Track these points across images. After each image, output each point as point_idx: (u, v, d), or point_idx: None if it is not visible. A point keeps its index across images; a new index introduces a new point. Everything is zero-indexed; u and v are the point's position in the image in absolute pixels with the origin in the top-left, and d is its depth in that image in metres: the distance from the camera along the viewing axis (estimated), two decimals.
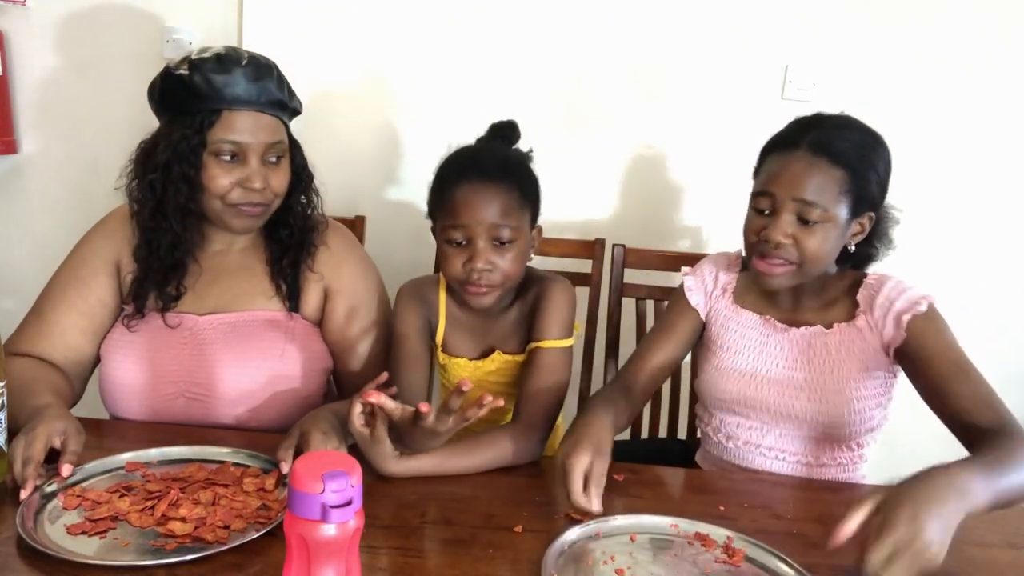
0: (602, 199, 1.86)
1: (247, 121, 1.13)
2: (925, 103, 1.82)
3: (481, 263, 1.11)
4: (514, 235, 1.12)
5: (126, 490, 0.93)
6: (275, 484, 0.95)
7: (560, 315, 1.18)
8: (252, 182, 1.13)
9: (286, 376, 1.20)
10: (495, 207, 1.10)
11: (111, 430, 1.15)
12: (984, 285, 1.90)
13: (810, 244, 1.10)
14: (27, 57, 1.83)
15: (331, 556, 0.65)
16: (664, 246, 1.68)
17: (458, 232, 1.12)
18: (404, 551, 0.86)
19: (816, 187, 1.09)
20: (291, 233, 1.24)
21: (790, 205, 1.10)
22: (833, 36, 1.80)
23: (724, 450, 1.26)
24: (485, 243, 1.11)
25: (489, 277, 1.12)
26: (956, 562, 0.93)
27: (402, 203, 1.84)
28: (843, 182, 1.10)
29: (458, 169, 1.15)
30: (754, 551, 0.90)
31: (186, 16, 1.79)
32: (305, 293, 1.25)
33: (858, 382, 1.16)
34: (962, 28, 1.79)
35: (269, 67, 1.17)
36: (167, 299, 1.18)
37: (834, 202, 1.10)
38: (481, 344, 1.24)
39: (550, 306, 1.18)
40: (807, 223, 1.10)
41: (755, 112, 1.82)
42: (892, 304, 1.13)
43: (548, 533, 0.89)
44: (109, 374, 1.18)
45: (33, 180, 1.89)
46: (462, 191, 1.12)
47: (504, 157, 1.17)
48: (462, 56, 1.78)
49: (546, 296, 1.19)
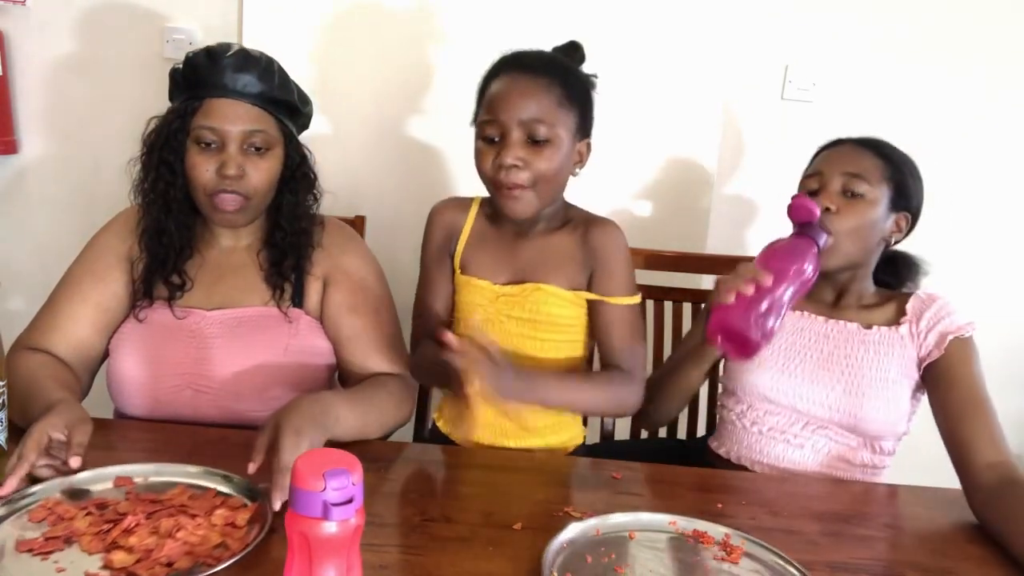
0: (602, 199, 1.86)
1: (226, 108, 1.15)
2: (925, 103, 1.82)
3: (511, 158, 1.05)
4: (551, 134, 1.07)
5: (98, 507, 0.88)
6: (247, 519, 0.88)
7: (630, 274, 1.17)
8: (227, 167, 1.14)
9: (290, 371, 1.20)
10: (532, 102, 1.05)
11: (115, 430, 1.15)
12: (984, 285, 1.90)
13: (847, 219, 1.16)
14: (27, 57, 1.83)
15: (332, 554, 0.65)
16: (664, 246, 1.68)
17: (492, 127, 1.07)
18: (404, 549, 0.86)
19: (864, 168, 1.18)
20: (285, 235, 1.24)
21: (838, 181, 1.18)
22: (833, 36, 1.80)
23: (747, 434, 1.26)
24: (517, 138, 1.06)
25: (519, 175, 1.06)
26: (954, 561, 0.94)
27: (402, 203, 1.84)
28: (885, 169, 1.19)
29: (501, 64, 1.11)
30: (752, 548, 0.90)
31: (186, 16, 1.79)
32: (307, 288, 1.26)
33: (896, 383, 1.18)
34: (963, 28, 1.79)
35: (258, 59, 1.18)
36: (173, 288, 1.20)
37: (878, 184, 1.18)
38: (508, 270, 1.17)
39: (623, 261, 1.15)
40: (852, 195, 1.17)
41: (755, 112, 1.82)
42: (940, 320, 1.18)
43: (548, 531, 0.89)
44: (117, 367, 1.20)
45: (33, 180, 1.89)
46: (500, 84, 1.08)
47: (551, 56, 1.13)
48: (462, 56, 1.78)
49: (613, 247, 1.14)
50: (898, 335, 1.19)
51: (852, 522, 1.01)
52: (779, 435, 1.23)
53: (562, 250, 1.16)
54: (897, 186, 1.19)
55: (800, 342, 1.24)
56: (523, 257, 1.16)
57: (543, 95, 1.06)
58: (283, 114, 1.22)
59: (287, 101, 1.21)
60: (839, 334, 1.22)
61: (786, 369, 1.22)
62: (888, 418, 1.18)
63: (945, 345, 1.15)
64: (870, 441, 1.20)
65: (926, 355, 1.17)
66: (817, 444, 1.21)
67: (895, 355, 1.19)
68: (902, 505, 1.09)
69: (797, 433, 1.22)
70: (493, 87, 1.09)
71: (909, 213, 1.22)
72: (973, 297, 1.86)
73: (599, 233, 1.15)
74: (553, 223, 1.18)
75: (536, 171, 1.07)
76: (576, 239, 1.16)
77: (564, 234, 1.17)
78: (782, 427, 1.23)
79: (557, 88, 1.07)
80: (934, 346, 1.16)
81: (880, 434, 1.19)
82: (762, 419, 1.25)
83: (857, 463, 1.21)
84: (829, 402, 1.19)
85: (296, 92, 1.24)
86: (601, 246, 1.14)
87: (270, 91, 1.18)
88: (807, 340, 1.23)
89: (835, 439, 1.21)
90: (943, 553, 0.95)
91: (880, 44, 1.80)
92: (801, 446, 1.22)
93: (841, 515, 1.02)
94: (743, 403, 1.27)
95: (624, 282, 1.15)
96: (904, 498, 1.10)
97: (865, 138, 1.23)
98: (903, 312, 1.21)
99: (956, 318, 1.18)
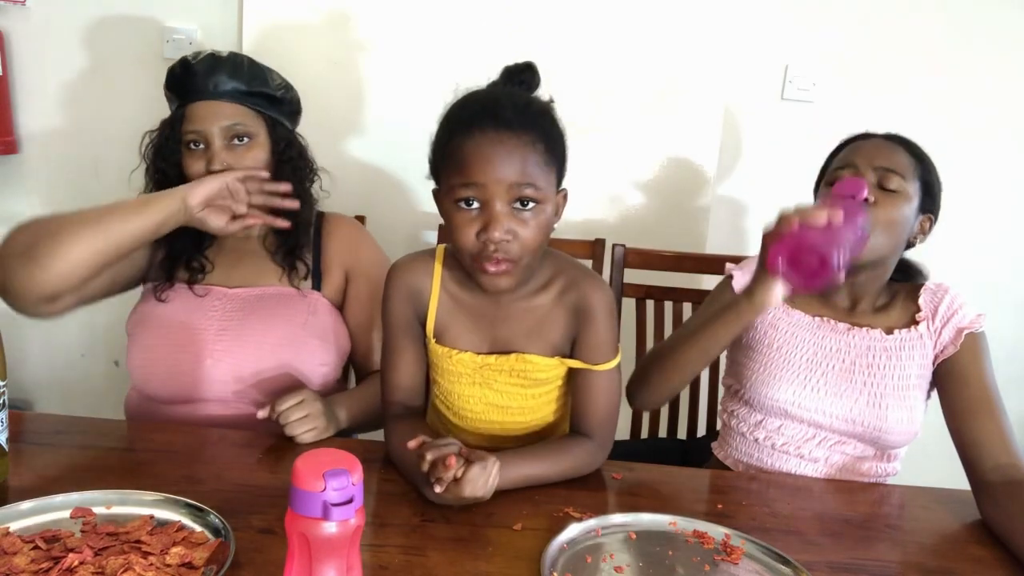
0: (602, 199, 1.86)
1: (203, 109, 1.23)
2: (926, 103, 1.82)
3: (499, 232, 0.92)
4: (539, 197, 0.94)
5: (47, 541, 0.81)
6: (204, 559, 0.80)
7: (615, 332, 1.08)
8: (213, 163, 1.22)
9: (308, 344, 1.26)
10: (516, 163, 0.92)
11: (115, 430, 1.15)
12: (985, 284, 1.90)
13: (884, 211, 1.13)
14: (27, 57, 1.83)
15: (332, 554, 0.65)
16: (664, 246, 1.68)
17: (471, 191, 0.93)
18: (404, 549, 0.86)
19: (898, 164, 1.15)
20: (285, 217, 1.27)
21: (872, 175, 1.15)
22: (833, 36, 1.80)
23: (758, 448, 1.22)
24: (504, 206, 0.93)
25: (508, 249, 0.94)
26: (956, 562, 0.94)
27: (402, 203, 1.84)
28: (917, 167, 1.17)
29: (471, 116, 0.95)
30: (752, 549, 0.90)
31: (186, 16, 1.79)
32: (327, 274, 1.34)
33: (915, 387, 1.16)
34: (963, 28, 1.79)
35: (226, 59, 1.26)
36: (194, 272, 1.28)
37: (911, 181, 1.16)
38: (489, 339, 1.07)
39: (608, 324, 1.05)
40: (886, 190, 1.14)
41: (755, 112, 1.82)
42: (954, 314, 1.16)
43: (548, 531, 0.89)
44: (138, 342, 1.25)
45: (33, 180, 1.89)
46: (476, 143, 0.92)
47: (526, 103, 0.97)
48: (463, 57, 1.78)
49: (598, 309, 1.04)
50: (917, 334, 1.17)
51: (853, 522, 1.00)
52: (792, 450, 1.19)
53: (545, 316, 1.05)
54: (926, 186, 1.18)
55: (821, 353, 1.18)
56: (504, 325, 1.06)
57: (529, 154, 0.93)
58: (261, 104, 1.28)
59: (262, 92, 1.28)
60: (861, 341, 1.18)
61: (808, 382, 1.17)
62: (910, 428, 1.15)
63: (960, 341, 1.13)
64: (886, 452, 1.18)
65: (941, 351, 1.15)
66: (832, 459, 1.19)
67: (915, 357, 1.16)
68: (903, 505, 1.09)
69: (812, 449, 1.18)
70: (469, 145, 0.93)
71: (933, 216, 1.21)
72: (975, 296, 1.86)
73: (585, 296, 1.04)
74: (534, 285, 1.06)
75: (524, 242, 0.95)
76: (562, 304, 1.05)
77: (547, 296, 1.06)
78: (797, 443, 1.19)
79: (540, 143, 0.94)
80: (949, 342, 1.14)
81: (900, 443, 1.17)
82: (776, 433, 1.20)
83: (869, 474, 1.19)
84: (852, 416, 1.15)
85: (272, 81, 1.31)
86: (587, 310, 1.04)
87: (242, 86, 1.26)
88: (828, 350, 1.18)
89: (851, 453, 1.18)
90: (944, 554, 0.95)
91: (880, 44, 1.80)
92: (815, 460, 1.19)
93: (841, 515, 1.02)
94: (756, 414, 1.22)
95: (609, 347, 1.06)
96: (905, 498, 1.10)
97: (893, 134, 1.21)
98: (917, 307, 1.19)
99: (968, 311, 1.16)
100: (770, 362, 1.20)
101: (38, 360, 2.00)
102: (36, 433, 1.09)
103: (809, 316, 1.21)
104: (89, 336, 1.98)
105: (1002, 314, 1.90)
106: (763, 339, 1.22)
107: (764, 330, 1.23)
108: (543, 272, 1.06)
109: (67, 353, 2.00)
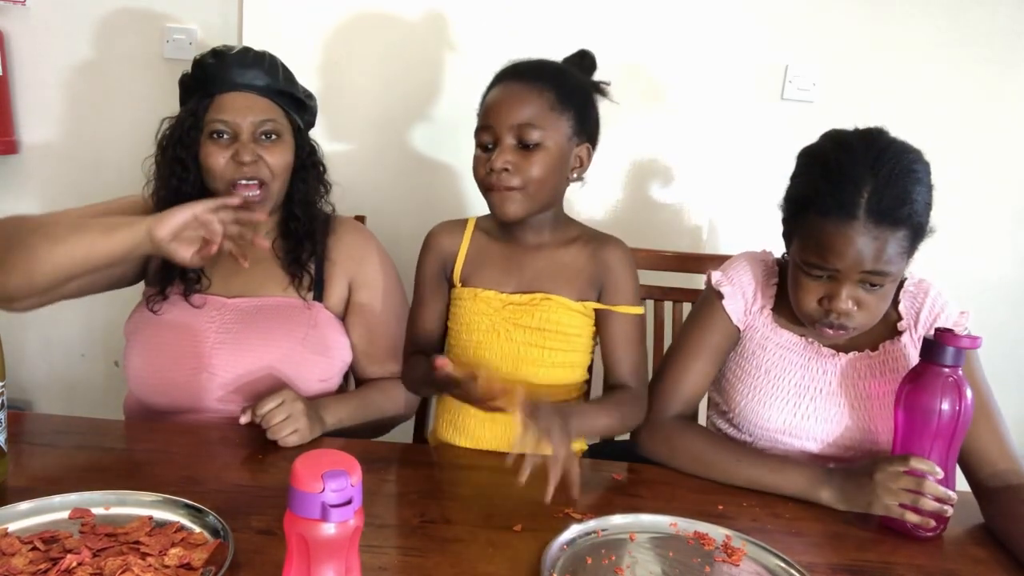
0: (602, 199, 1.86)
1: (236, 101, 1.21)
2: (926, 103, 1.82)
3: (500, 162, 1.08)
4: (543, 139, 1.09)
5: (45, 542, 0.81)
6: (203, 560, 0.80)
7: (637, 285, 1.19)
8: (242, 155, 1.19)
9: (307, 360, 1.23)
10: (523, 107, 1.08)
11: (115, 430, 1.15)
12: (984, 284, 1.90)
13: (873, 305, 1.05)
14: (27, 57, 1.83)
15: (331, 555, 0.65)
16: (664, 246, 1.68)
17: (486, 134, 1.11)
18: (404, 550, 0.86)
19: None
20: (299, 224, 1.28)
21: (855, 276, 1.02)
22: (833, 36, 1.80)
23: None
24: (509, 143, 1.09)
25: (509, 179, 1.08)
26: (956, 563, 0.93)
27: (402, 203, 1.84)
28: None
29: (497, 75, 1.15)
30: (753, 550, 0.90)
31: (186, 16, 1.79)
32: (329, 285, 1.30)
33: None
34: (963, 27, 1.79)
35: (262, 55, 1.24)
36: (190, 283, 1.24)
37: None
38: (515, 280, 1.17)
39: (631, 274, 1.18)
40: (872, 287, 1.03)
41: (755, 112, 1.82)
42: (936, 317, 1.12)
43: (547, 532, 0.89)
44: (134, 353, 1.22)
45: (33, 180, 1.89)
46: (495, 93, 1.12)
47: (548, 63, 1.15)
48: (463, 57, 1.78)
49: (621, 260, 1.17)
50: (901, 346, 1.13)
51: (853, 524, 1.00)
52: None
53: (572, 264, 1.17)
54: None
55: (809, 376, 1.14)
56: (531, 269, 1.17)
57: (534, 100, 1.08)
58: (289, 106, 1.27)
59: (292, 94, 1.26)
60: (848, 364, 1.14)
61: (798, 410, 1.14)
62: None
63: None
64: None
65: None
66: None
67: (901, 369, 1.11)
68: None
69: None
70: (489, 97, 1.12)
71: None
72: (975, 296, 1.86)
73: (610, 249, 1.18)
74: (560, 239, 1.19)
75: (526, 176, 1.09)
76: (586, 255, 1.18)
77: (574, 250, 1.18)
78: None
79: (550, 93, 1.09)
80: None
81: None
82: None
83: None
84: (843, 441, 1.13)
85: (300, 87, 1.29)
86: (612, 261, 1.17)
87: (276, 83, 1.24)
88: (816, 372, 1.14)
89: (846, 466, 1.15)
90: (945, 555, 0.95)
91: (880, 44, 1.80)
92: None
93: (842, 516, 1.02)
94: (745, 436, 1.19)
95: (632, 295, 1.18)
96: None
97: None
98: (898, 315, 1.14)
99: (951, 311, 1.12)
100: (759, 387, 1.16)
101: (38, 360, 2.00)
102: (35, 433, 1.09)
103: (797, 336, 1.17)
104: (89, 336, 1.98)
105: (1001, 313, 1.91)
106: (751, 358, 1.18)
107: (752, 349, 1.19)
108: (568, 231, 1.20)
109: (67, 353, 2.00)
